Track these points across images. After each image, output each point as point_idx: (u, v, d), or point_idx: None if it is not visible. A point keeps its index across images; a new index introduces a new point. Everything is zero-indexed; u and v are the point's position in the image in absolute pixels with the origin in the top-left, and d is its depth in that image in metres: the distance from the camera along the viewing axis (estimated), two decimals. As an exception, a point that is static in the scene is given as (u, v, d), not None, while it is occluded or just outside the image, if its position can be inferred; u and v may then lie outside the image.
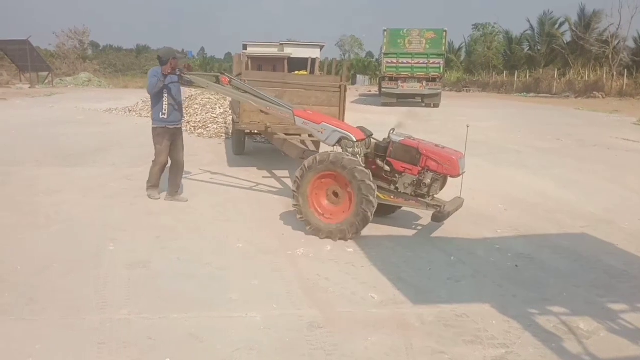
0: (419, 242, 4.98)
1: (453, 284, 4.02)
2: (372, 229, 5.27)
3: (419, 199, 5.06)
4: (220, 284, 3.91)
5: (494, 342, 3.16)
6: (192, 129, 12.32)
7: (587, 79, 34.24)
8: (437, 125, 15.23)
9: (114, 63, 51.85)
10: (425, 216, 5.77)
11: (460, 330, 3.29)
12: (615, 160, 9.66)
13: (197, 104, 14.59)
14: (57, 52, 45.26)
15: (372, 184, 4.80)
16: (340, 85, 7.58)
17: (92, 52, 56.76)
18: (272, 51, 19.25)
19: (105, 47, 74.30)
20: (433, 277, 4.14)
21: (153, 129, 6.15)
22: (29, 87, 29.53)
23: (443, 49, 22.87)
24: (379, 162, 5.35)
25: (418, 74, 22.39)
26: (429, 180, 5.03)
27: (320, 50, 21.12)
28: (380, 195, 5.05)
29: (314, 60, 15.26)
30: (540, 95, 34.91)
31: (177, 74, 5.94)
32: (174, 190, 6.28)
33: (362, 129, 5.53)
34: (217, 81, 6.03)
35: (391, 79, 22.75)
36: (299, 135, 7.51)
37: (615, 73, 32.86)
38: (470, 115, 18.73)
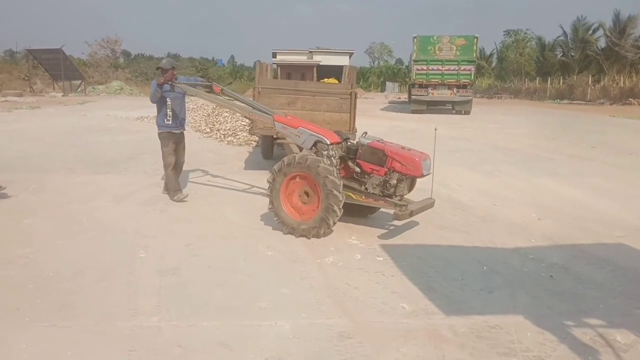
0: (450, 252, 4.91)
1: (486, 295, 3.95)
2: (402, 238, 5.26)
3: (387, 198, 5.28)
4: (250, 292, 3.93)
5: (529, 355, 3.09)
6: (222, 136, 12.47)
7: (622, 85, 33.41)
8: (468, 133, 15.07)
9: (145, 71, 52.72)
10: (456, 226, 5.72)
11: (494, 342, 3.23)
12: (654, 168, 9.39)
13: (226, 112, 14.77)
14: (90, 61, 46.45)
15: (336, 179, 5.05)
16: (351, 92, 7.79)
17: (124, 61, 58.05)
18: (302, 59, 19.37)
19: (137, 55, 75.92)
20: (465, 287, 4.08)
21: (159, 133, 6.71)
22: (62, 96, 30.38)
23: (474, 55, 22.68)
24: (350, 163, 5.65)
25: (448, 80, 22.23)
26: (395, 181, 5.27)
27: (350, 58, 21.16)
28: (352, 195, 5.36)
29: (342, 67, 15.36)
30: (574, 102, 34.21)
31: (169, 83, 6.38)
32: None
33: (338, 132, 5.86)
34: (210, 90, 6.61)
35: (421, 85, 22.64)
36: None
37: (651, 79, 32.02)
38: (502, 123, 18.50)
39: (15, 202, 6.35)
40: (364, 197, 5.37)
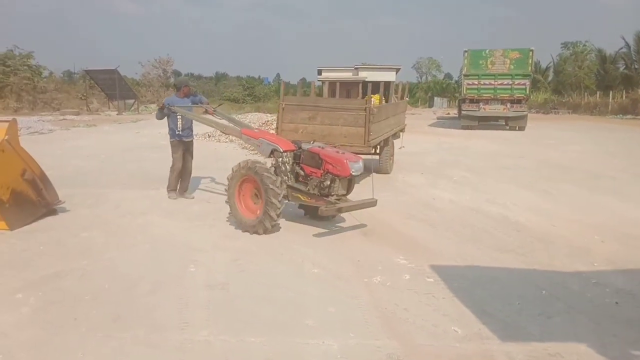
0: (506, 274, 4.77)
1: (545, 320, 3.82)
2: (453, 259, 5.16)
3: (324, 198, 5.90)
4: (297, 309, 3.95)
5: (592, 386, 2.96)
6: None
7: (693, 99, 31.83)
8: (523, 149, 14.70)
9: (194, 90, 54.51)
10: (511, 247, 5.57)
11: (554, 371, 3.11)
12: None
13: (272, 129, 15.02)
14: (143, 81, 48.23)
15: (276, 189, 5.71)
16: (365, 108, 8.37)
17: (174, 80, 60.06)
18: (347, 75, 19.50)
19: (187, 75, 78.39)
20: (523, 311, 3.95)
21: (171, 141, 7.80)
22: (117, 114, 31.63)
23: (529, 69, 22.14)
24: (297, 168, 6.30)
25: (501, 95, 21.78)
26: (329, 182, 5.91)
27: (396, 73, 21.12)
28: (300, 197, 6.14)
29: (388, 83, 15.33)
30: (638, 117, 32.81)
31: (167, 106, 7.50)
32: (183, 190, 7.92)
33: (294, 141, 6.53)
34: (206, 112, 8.15)
35: (472, 101, 22.27)
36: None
37: None
38: (559, 139, 17.92)
39: (73, 215, 6.64)
40: (308, 198, 6.07)
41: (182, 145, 7.79)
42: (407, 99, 14.97)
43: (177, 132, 7.67)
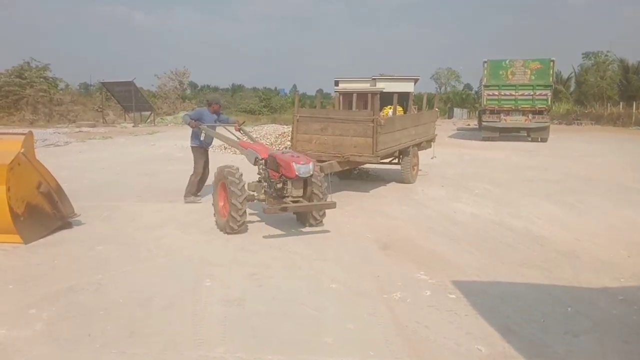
0: (531, 290, 4.69)
1: (571, 339, 3.73)
2: (476, 274, 5.08)
3: (280, 199, 6.56)
4: (315, 326, 3.91)
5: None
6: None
7: None
8: (545, 161, 14.54)
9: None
10: (535, 262, 5.47)
11: (583, 392, 3.02)
12: None
13: (288, 141, 15.08)
14: (159, 93, 48.83)
15: (237, 191, 6.28)
16: (373, 119, 8.65)
17: (191, 92, 60.61)
18: (364, 86, 19.55)
19: (203, 86, 79.17)
20: (548, 329, 3.87)
21: (193, 147, 8.68)
22: (133, 126, 32.00)
23: (550, 79, 21.96)
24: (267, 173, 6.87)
25: (523, 106, 21.61)
26: (281, 184, 6.56)
27: (415, 84, 21.10)
28: (262, 198, 6.81)
29: (407, 94, 15.46)
30: (664, 128, 32.32)
31: (199, 126, 8.18)
32: (197, 192, 8.69)
33: (272, 150, 7.25)
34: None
35: (492, 112, 22.12)
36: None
37: None
38: (583, 150, 17.71)
39: (88, 229, 6.70)
40: (272, 199, 6.66)
41: (204, 152, 8.68)
42: (437, 109, 15.01)
43: (201, 139, 8.35)
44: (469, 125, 38.01)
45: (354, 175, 10.98)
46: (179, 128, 32.80)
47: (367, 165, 11.31)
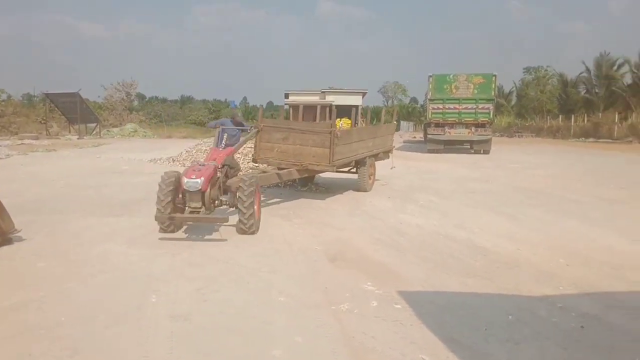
0: (474, 300, 4.82)
1: (512, 346, 3.85)
2: (421, 285, 5.18)
3: (183, 209, 6.90)
4: (263, 340, 3.88)
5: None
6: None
7: (652, 122, 33.21)
8: (488, 173, 15.02)
9: (158, 113, 54.02)
10: (478, 272, 5.63)
11: (522, 398, 3.12)
12: (689, 211, 9.19)
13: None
14: (105, 104, 47.67)
15: (161, 196, 6.76)
16: (330, 131, 9.17)
17: (138, 104, 59.44)
18: (314, 99, 19.71)
19: (151, 98, 77.68)
20: (490, 338, 3.97)
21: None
22: (78, 138, 31.06)
23: (492, 93, 22.79)
24: None
25: (466, 119, 22.33)
26: (181, 195, 6.88)
27: (363, 97, 21.42)
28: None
29: (355, 107, 15.91)
30: (599, 140, 34.03)
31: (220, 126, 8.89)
32: None
33: (225, 159, 7.59)
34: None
35: (437, 125, 22.75)
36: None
37: (682, 116, 31.80)
38: (523, 162, 18.42)
39: (30, 245, 6.43)
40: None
41: None
42: (395, 122, 15.55)
43: (219, 145, 8.69)
44: (415, 137, 38.90)
45: (303, 188, 11.03)
46: (125, 140, 32.09)
47: (322, 176, 11.47)
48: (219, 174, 7.35)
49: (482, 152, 22.49)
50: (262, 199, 8.44)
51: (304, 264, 5.83)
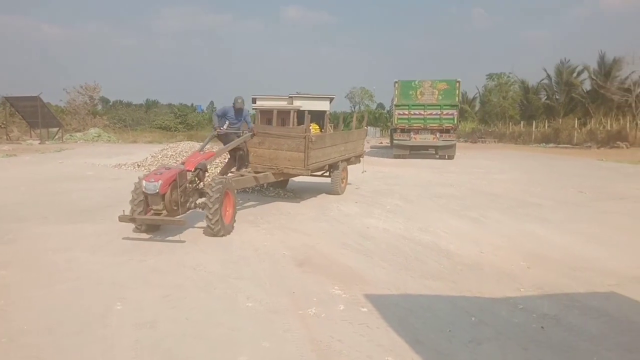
0: (437, 302, 4.91)
1: (475, 347, 3.94)
2: (387, 288, 5.25)
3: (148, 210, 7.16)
4: (230, 346, 3.88)
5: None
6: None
7: (609, 128, 34.38)
8: (452, 178, 15.29)
9: (123, 118, 53.12)
10: (442, 275, 5.74)
11: (484, 397, 3.20)
12: (643, 213, 9.56)
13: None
14: (68, 108, 46.63)
15: (135, 195, 7.10)
16: (305, 136, 9.43)
17: (102, 108, 58.33)
18: (282, 104, 19.74)
19: (115, 102, 76.31)
20: (454, 339, 4.07)
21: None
22: (39, 143, 30.26)
23: (456, 99, 23.22)
24: None
25: (431, 125, 22.67)
26: (144, 196, 7.10)
27: (330, 103, 21.44)
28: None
29: (323, 112, 16.23)
30: (560, 145, 35.03)
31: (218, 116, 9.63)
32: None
33: (199, 164, 7.74)
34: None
35: (403, 130, 23.04)
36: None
37: (639, 122, 32.97)
38: (486, 167, 18.82)
39: (-13, 253, 6.25)
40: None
41: (230, 139, 9.35)
42: (366, 128, 15.98)
43: (219, 127, 9.40)
44: (381, 143, 39.24)
45: (271, 194, 11.03)
46: (89, 145, 31.46)
47: (294, 180, 11.54)
48: (189, 177, 7.48)
49: (446, 157, 22.87)
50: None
51: (271, 269, 5.84)
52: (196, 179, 7.72)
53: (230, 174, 9.66)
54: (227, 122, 9.41)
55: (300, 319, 4.41)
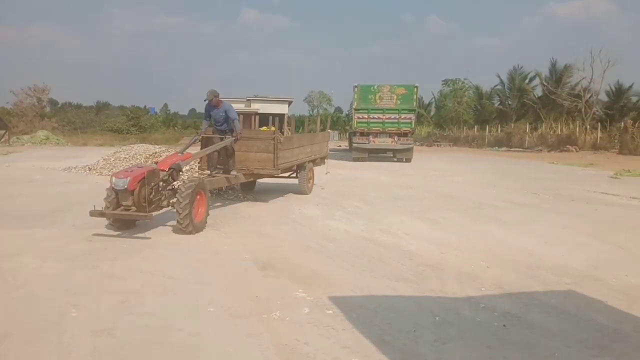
0: (401, 302, 4.93)
1: (440, 346, 3.97)
2: (351, 290, 5.24)
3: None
4: (193, 352, 3.78)
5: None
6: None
7: (559, 132, 35.68)
8: (411, 180, 15.51)
9: (72, 120, 51.48)
10: (405, 275, 5.78)
11: (451, 395, 3.23)
12: (595, 214, 9.92)
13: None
14: (15, 110, 45.02)
15: (108, 192, 7.36)
16: (274, 137, 9.91)
17: (51, 110, 56.41)
18: (239, 107, 19.60)
19: (64, 104, 73.93)
20: (419, 339, 4.09)
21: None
22: (-17, 146, 29.03)
23: (414, 104, 23.64)
24: None
25: (389, 129, 22.96)
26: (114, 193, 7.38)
27: (289, 106, 21.45)
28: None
29: (281, 115, 16.67)
30: (512, 149, 36.10)
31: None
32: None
33: (174, 164, 7.97)
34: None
35: (362, 134, 23.26)
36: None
37: (588, 126, 34.38)
38: (443, 170, 19.19)
39: None
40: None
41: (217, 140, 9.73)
42: (329, 131, 16.46)
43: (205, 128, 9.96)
44: (340, 146, 39.48)
45: (231, 197, 10.88)
46: (37, 148, 30.40)
47: (261, 182, 11.52)
48: (162, 176, 7.77)
49: (404, 160, 23.20)
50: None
51: (233, 273, 5.74)
52: (170, 178, 7.93)
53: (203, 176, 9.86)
54: (212, 120, 9.78)
55: (264, 323, 4.34)
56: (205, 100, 9.66)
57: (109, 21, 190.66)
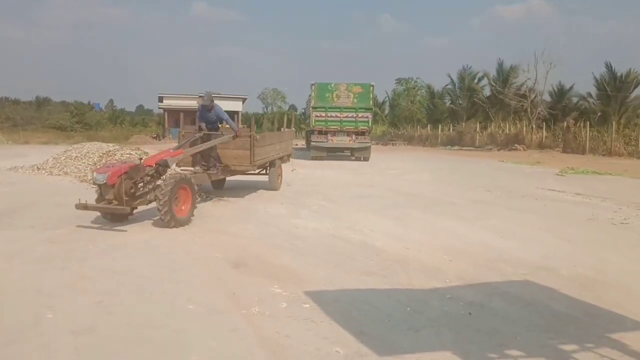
0: (373, 295, 5.22)
1: (413, 334, 4.29)
2: (324, 284, 5.51)
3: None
4: (178, 347, 3.95)
5: (461, 387, 3.42)
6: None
7: (507, 132, 37.06)
8: (370, 179, 15.92)
9: (11, 117, 49.53)
10: (373, 270, 6.10)
11: (428, 378, 3.53)
12: (545, 209, 10.56)
13: (116, 159, 14.36)
14: (-53, 106, 42.92)
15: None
16: (250, 135, 10.47)
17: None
18: (191, 103, 19.50)
19: (1, 99, 70.96)
20: (393, 328, 4.39)
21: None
22: None
23: (371, 103, 24.03)
24: None
25: (347, 127, 23.27)
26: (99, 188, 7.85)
27: (243, 103, 21.43)
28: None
29: (235, 112, 17.05)
30: (464, 148, 37.25)
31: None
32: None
33: (161, 160, 8.42)
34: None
35: (320, 132, 23.47)
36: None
37: (534, 126, 35.88)
38: (400, 169, 19.73)
39: None
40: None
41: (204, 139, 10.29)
42: (293, 129, 17.02)
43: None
44: (297, 145, 39.63)
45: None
46: (-24, 147, 29.15)
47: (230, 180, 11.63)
48: (148, 172, 8.18)
49: (362, 159, 23.59)
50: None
51: (206, 272, 5.90)
52: (156, 174, 8.36)
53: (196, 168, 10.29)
54: (203, 123, 10.43)
55: (244, 318, 4.54)
56: (204, 105, 10.42)
57: (49, 10, 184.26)
